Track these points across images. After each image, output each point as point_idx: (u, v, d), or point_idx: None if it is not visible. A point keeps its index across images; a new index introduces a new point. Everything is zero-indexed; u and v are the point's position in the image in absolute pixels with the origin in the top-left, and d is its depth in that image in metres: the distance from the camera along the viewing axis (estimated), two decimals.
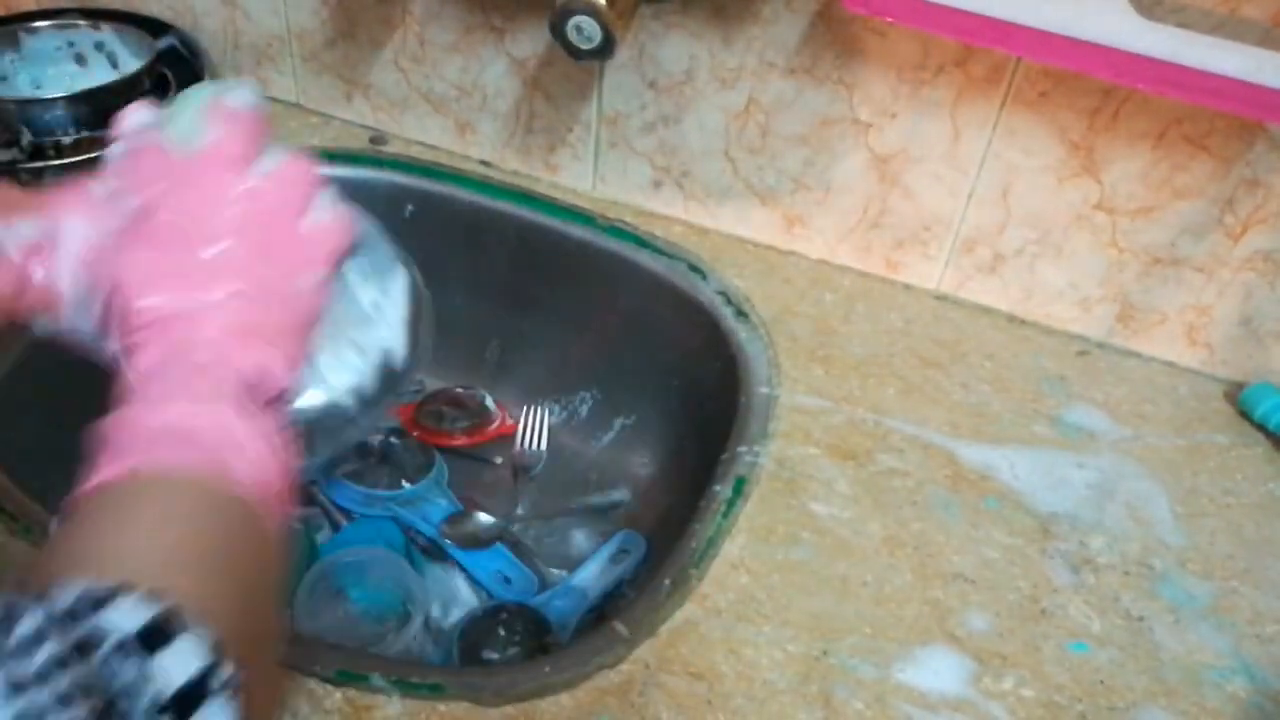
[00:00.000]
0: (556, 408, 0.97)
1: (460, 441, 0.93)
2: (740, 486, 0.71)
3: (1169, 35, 0.65)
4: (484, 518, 0.87)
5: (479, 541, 0.85)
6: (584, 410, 0.97)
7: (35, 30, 0.93)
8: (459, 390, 0.97)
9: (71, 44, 0.94)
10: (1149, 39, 0.65)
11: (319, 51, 0.96)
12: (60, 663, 0.30)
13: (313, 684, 0.58)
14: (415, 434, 0.93)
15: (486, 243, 0.94)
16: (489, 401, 0.97)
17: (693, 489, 0.75)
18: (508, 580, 0.83)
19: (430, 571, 0.85)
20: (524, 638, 0.76)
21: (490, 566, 0.84)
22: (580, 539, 0.89)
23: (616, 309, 0.91)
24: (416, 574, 0.81)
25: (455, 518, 0.86)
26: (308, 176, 0.50)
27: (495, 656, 0.75)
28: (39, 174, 0.84)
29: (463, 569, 0.85)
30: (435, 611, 0.82)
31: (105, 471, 0.40)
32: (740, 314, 0.84)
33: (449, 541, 0.85)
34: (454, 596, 0.84)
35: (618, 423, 0.95)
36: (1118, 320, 0.84)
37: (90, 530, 0.38)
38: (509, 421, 0.96)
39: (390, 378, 0.51)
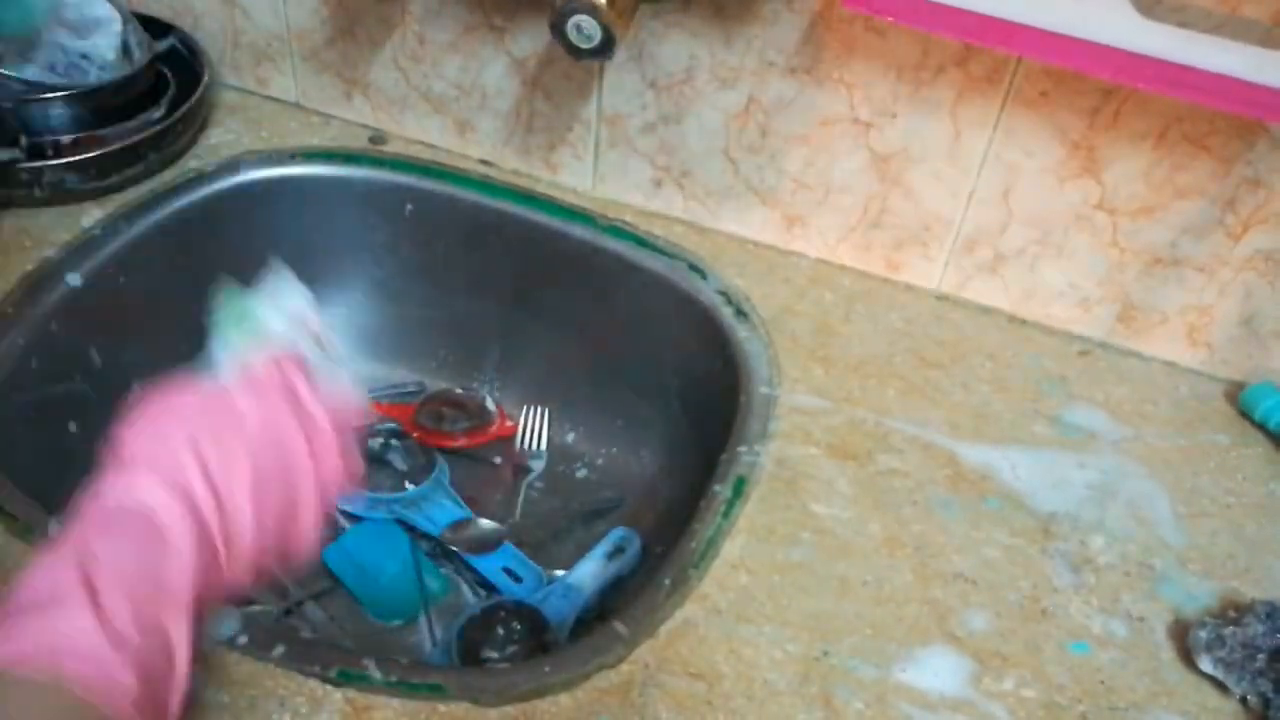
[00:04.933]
0: (556, 408, 0.97)
1: (460, 443, 0.93)
2: (740, 486, 0.71)
3: (1169, 35, 0.65)
4: (485, 523, 0.87)
5: (484, 546, 0.85)
6: (584, 410, 0.96)
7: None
8: (459, 391, 0.97)
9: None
10: (1149, 38, 0.65)
11: (319, 51, 0.96)
12: None
13: (313, 684, 0.58)
14: (415, 435, 0.93)
15: (486, 242, 0.94)
16: (489, 403, 0.97)
17: (693, 489, 0.75)
18: (516, 577, 0.83)
19: (436, 573, 0.84)
20: (523, 637, 0.76)
21: (498, 564, 0.84)
22: (578, 537, 0.89)
23: (616, 309, 0.91)
24: (422, 576, 0.81)
25: (459, 524, 0.86)
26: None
27: (495, 655, 0.74)
28: (38, 174, 0.84)
29: (470, 569, 0.85)
30: (440, 613, 0.81)
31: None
32: (740, 314, 0.84)
33: (454, 547, 0.85)
34: (459, 597, 0.84)
35: (618, 423, 0.95)
36: (1118, 320, 0.84)
37: None
38: (508, 423, 0.96)
39: None
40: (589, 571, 0.82)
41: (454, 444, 0.93)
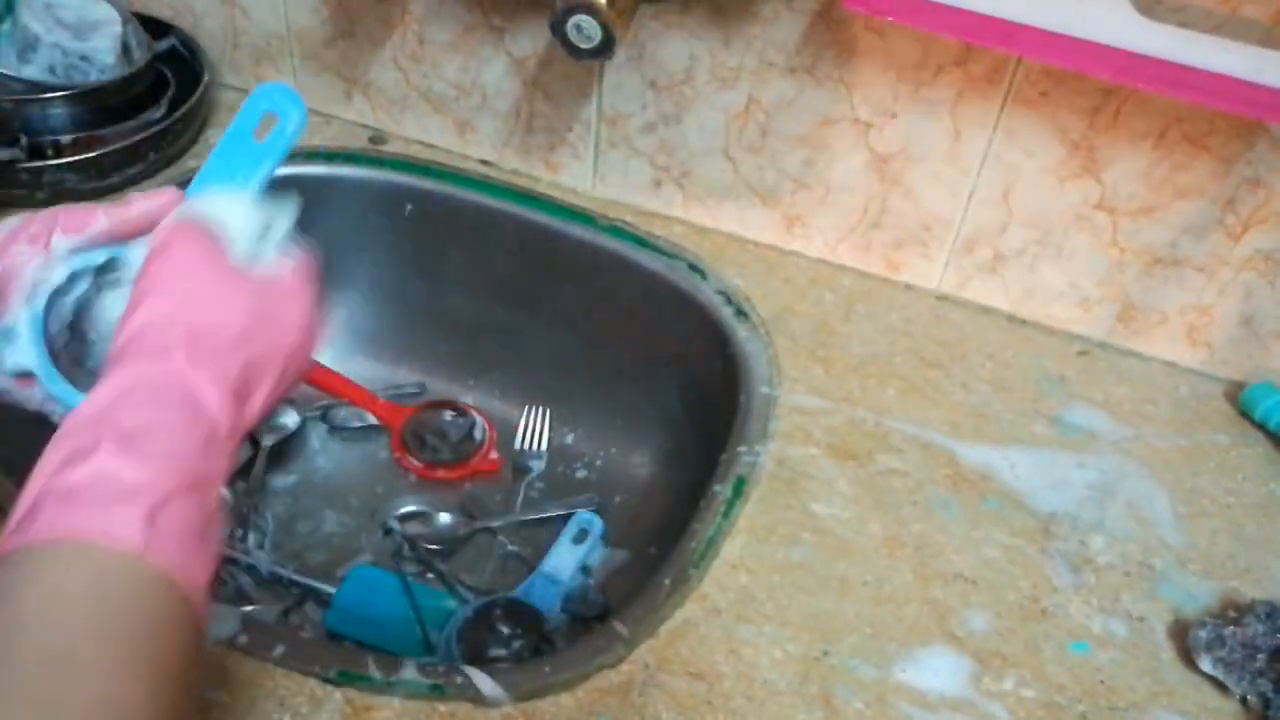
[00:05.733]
0: (556, 408, 0.97)
1: (439, 475, 0.92)
2: (740, 486, 0.71)
3: (1169, 35, 0.65)
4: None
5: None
6: (584, 410, 0.96)
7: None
8: (448, 416, 0.96)
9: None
10: (1150, 38, 0.65)
11: (318, 51, 0.96)
12: None
13: (313, 684, 0.58)
14: (395, 454, 0.92)
15: (486, 242, 0.94)
16: (478, 430, 0.95)
17: (693, 489, 0.75)
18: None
19: (431, 591, 0.84)
20: (524, 631, 0.76)
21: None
22: (556, 529, 0.88)
23: (616, 309, 0.91)
24: (420, 611, 0.81)
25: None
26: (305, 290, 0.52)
27: (504, 653, 0.75)
28: (38, 174, 0.84)
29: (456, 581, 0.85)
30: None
31: (28, 528, 0.36)
32: (740, 314, 0.84)
33: (428, 546, 0.85)
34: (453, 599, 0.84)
35: (618, 423, 0.95)
36: (1118, 320, 0.84)
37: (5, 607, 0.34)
38: (493, 455, 0.94)
39: None
40: (560, 557, 0.83)
41: (433, 475, 0.92)
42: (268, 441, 0.91)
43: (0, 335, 0.49)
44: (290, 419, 0.93)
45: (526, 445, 0.95)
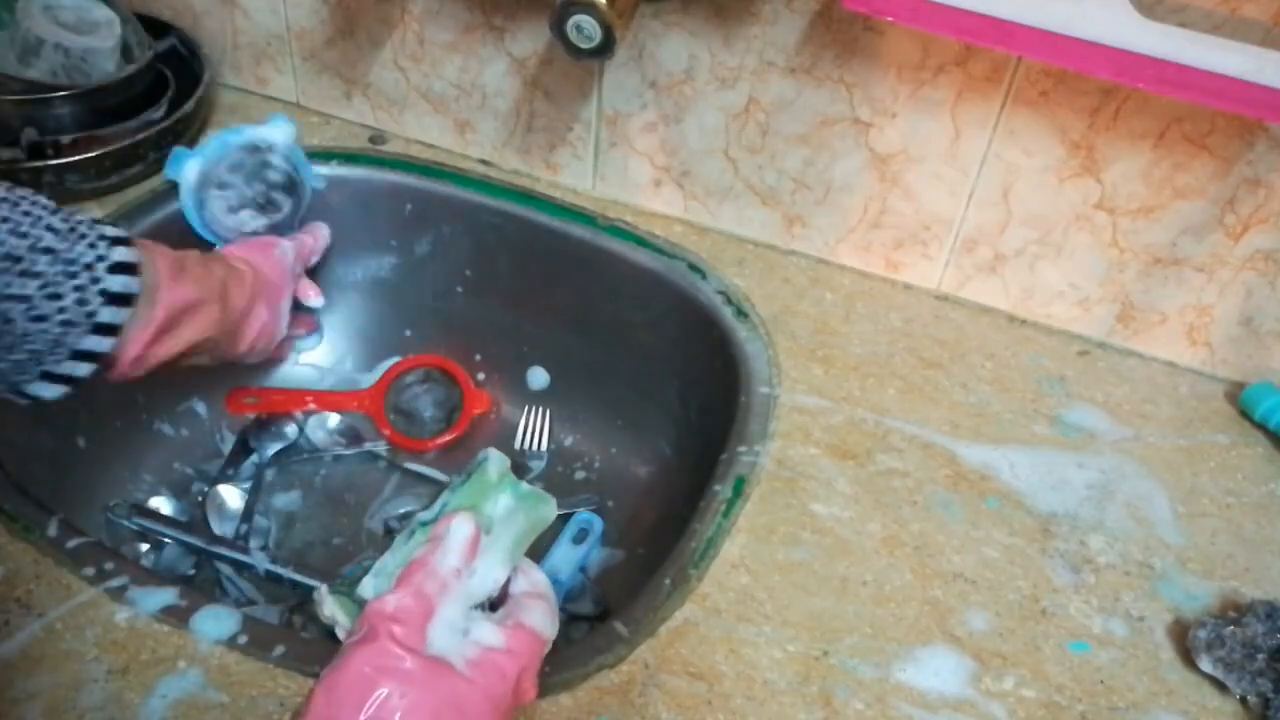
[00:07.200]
0: (556, 408, 0.97)
1: (441, 441, 0.92)
2: (740, 486, 0.71)
3: (1170, 35, 0.65)
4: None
5: None
6: (584, 411, 0.96)
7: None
8: (419, 388, 0.95)
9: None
10: (1150, 38, 0.65)
11: (318, 51, 0.96)
12: None
13: (313, 684, 0.58)
14: (386, 432, 0.92)
15: (486, 242, 0.94)
16: (452, 388, 0.95)
17: (693, 489, 0.75)
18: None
19: None
20: None
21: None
22: (554, 529, 0.88)
23: (617, 309, 0.91)
24: None
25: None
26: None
27: None
28: (38, 173, 0.84)
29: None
30: None
31: None
32: (740, 314, 0.84)
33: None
34: None
35: (618, 423, 0.95)
36: (1118, 320, 0.84)
37: None
38: (476, 391, 0.93)
39: None
40: (560, 558, 0.83)
41: (436, 444, 0.92)
42: (269, 450, 0.91)
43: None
44: (290, 429, 0.93)
45: (526, 445, 0.95)
